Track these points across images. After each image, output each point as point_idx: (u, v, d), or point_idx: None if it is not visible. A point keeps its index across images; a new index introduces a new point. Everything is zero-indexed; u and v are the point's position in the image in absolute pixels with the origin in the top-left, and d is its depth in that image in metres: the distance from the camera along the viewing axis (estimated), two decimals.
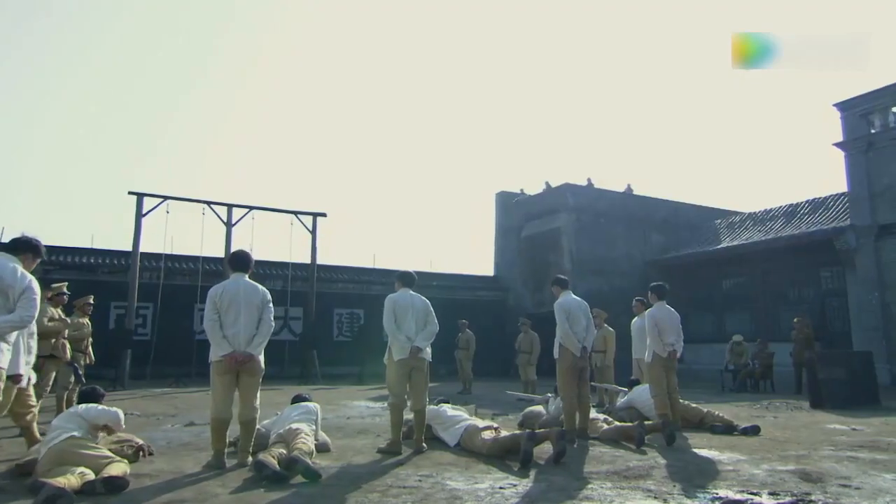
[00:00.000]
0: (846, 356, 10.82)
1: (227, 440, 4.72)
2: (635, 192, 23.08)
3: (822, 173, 67.03)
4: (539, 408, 7.33)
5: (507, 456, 5.14)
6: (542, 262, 22.01)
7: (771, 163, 73.16)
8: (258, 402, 4.82)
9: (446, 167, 71.17)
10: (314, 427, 5.35)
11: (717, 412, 7.22)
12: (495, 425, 5.75)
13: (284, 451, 4.50)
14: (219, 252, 18.33)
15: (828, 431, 7.11)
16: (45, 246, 16.78)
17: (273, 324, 4.97)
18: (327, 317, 20.53)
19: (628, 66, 77.92)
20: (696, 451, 5.73)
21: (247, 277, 5.04)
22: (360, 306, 21.16)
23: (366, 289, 21.45)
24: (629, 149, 69.18)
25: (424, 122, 76.55)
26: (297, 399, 5.89)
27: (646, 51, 78.79)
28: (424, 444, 5.64)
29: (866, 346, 15.07)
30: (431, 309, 5.88)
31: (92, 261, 17.99)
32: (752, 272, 19.34)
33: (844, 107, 16.56)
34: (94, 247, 18.68)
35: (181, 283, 18.38)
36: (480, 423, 5.74)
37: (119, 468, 3.83)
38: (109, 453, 4.09)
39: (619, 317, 19.97)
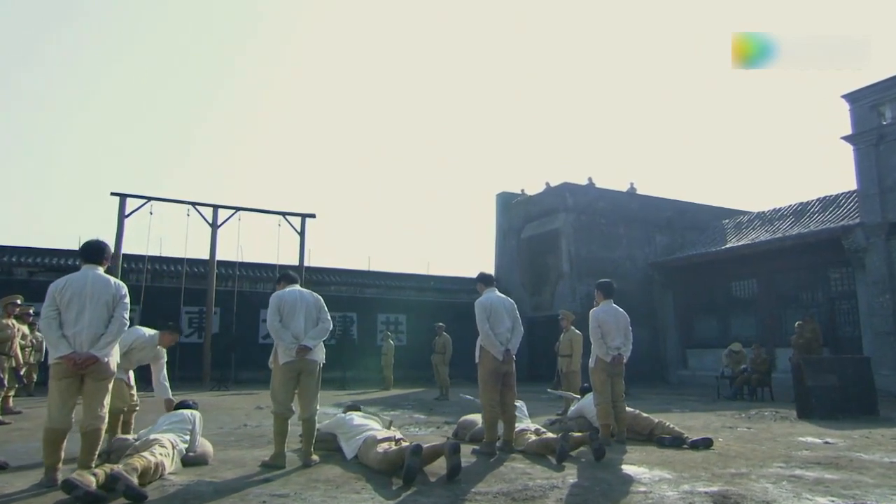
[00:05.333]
0: (839, 362, 9.99)
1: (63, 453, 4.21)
2: (639, 192, 22.25)
3: (837, 170, 64.95)
4: (475, 416, 6.73)
5: (399, 472, 4.56)
6: (541, 265, 21.33)
7: (782, 160, 71.20)
8: (105, 410, 4.29)
9: (447, 167, 70.46)
10: (187, 437, 4.83)
11: (668, 423, 6.51)
12: (397, 436, 5.17)
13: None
14: (205, 254, 18.06)
15: (793, 444, 6.37)
16: (31, 248, 16.58)
17: (127, 322, 4.43)
18: None
19: (633, 63, 76.59)
20: (623, 467, 5.08)
21: (100, 270, 4.54)
22: (352, 309, 20.67)
23: (359, 291, 20.99)
24: (634, 148, 67.88)
25: (424, 122, 76.08)
26: (179, 406, 5.38)
27: (651, 48, 77.43)
28: (316, 457, 5.09)
29: (877, 352, 14.14)
30: (324, 305, 5.36)
31: (77, 262, 17.77)
32: (758, 274, 18.39)
33: (853, 98, 15.61)
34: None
35: (168, 285, 18.14)
36: (381, 433, 5.16)
37: None
38: None
39: None
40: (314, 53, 79.20)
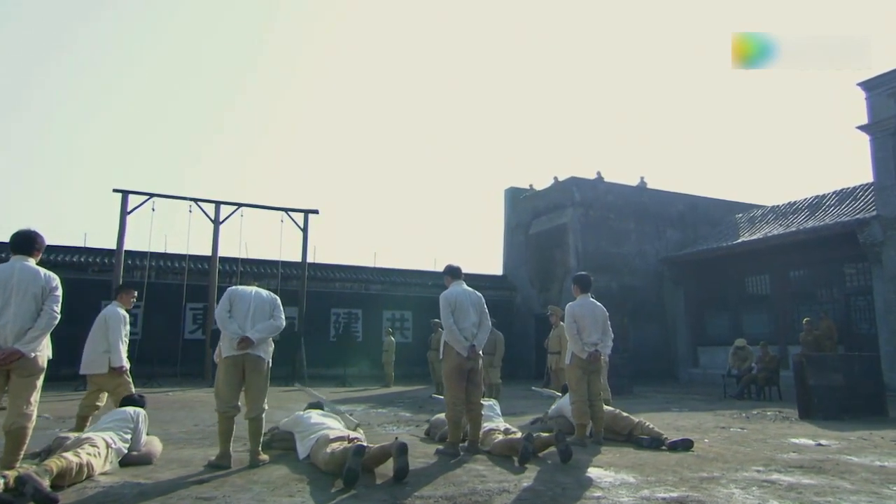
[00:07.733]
0: (845, 360, 9.53)
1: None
2: (650, 186, 21.77)
3: (857, 161, 63.06)
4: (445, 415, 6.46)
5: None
6: (549, 260, 20.98)
7: (799, 153, 69.48)
8: (32, 407, 4.11)
9: (454, 162, 69.78)
10: (127, 436, 4.64)
11: (648, 423, 6.19)
12: (352, 435, 4.94)
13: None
14: (208, 251, 18.01)
15: (782, 446, 6.02)
16: None
17: (58, 315, 4.22)
18: (323, 316, 19.96)
19: (644, 56, 75.34)
20: (589, 469, 4.79)
21: (31, 262, 4.34)
22: (358, 306, 20.54)
23: (364, 288, 20.83)
24: (645, 142, 66.66)
25: (431, 116, 75.52)
26: (124, 402, 5.20)
27: (661, 40, 76.13)
28: (265, 457, 4.87)
29: (894, 350, 13.60)
30: (280, 305, 5.15)
31: (83, 259, 17.90)
32: (771, 269, 17.85)
33: (869, 86, 15.00)
34: (87, 245, 18.64)
35: (171, 281, 18.14)
36: (334, 432, 4.93)
37: None
38: None
39: (627, 317, 18.85)
40: (318, 48, 79.30)
